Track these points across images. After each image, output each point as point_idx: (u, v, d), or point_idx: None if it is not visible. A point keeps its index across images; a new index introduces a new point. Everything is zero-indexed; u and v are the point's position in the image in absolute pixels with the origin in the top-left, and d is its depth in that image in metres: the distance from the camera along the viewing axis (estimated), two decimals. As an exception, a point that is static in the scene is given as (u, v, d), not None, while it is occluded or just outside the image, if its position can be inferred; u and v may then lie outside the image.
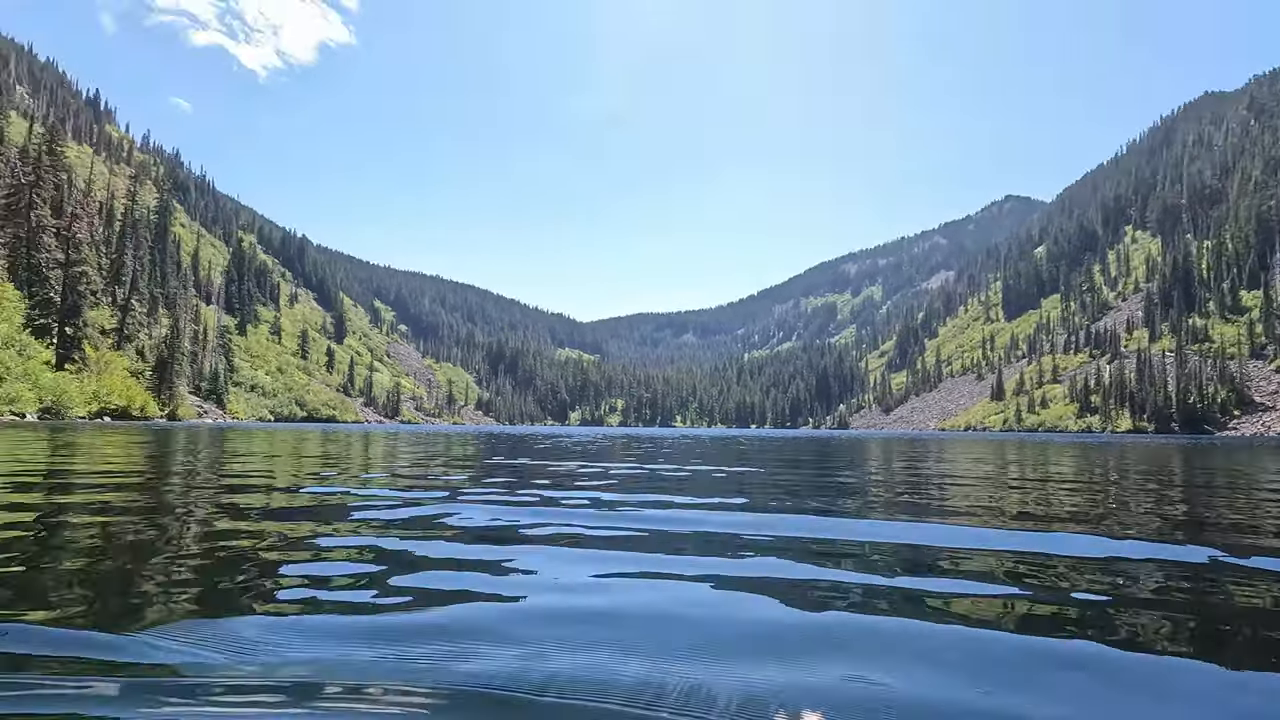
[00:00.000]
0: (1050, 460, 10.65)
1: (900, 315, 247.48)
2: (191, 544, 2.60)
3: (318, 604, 1.76)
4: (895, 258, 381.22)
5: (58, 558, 2.31)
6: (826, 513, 3.78)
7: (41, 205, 56.99)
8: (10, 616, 1.55)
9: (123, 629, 1.47)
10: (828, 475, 6.84)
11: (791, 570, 2.25)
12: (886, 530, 3.23)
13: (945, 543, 2.83)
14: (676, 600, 1.84)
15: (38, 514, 3.29)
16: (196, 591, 1.89)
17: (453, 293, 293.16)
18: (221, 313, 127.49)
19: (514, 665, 1.25)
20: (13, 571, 2.08)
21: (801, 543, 2.81)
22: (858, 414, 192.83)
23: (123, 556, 2.35)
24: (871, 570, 2.28)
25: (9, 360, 36.31)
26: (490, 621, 1.55)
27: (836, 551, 2.65)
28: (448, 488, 4.78)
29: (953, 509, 4.11)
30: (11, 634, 1.37)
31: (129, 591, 1.89)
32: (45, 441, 11.36)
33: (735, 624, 1.59)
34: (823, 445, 18.04)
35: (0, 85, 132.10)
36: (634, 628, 1.52)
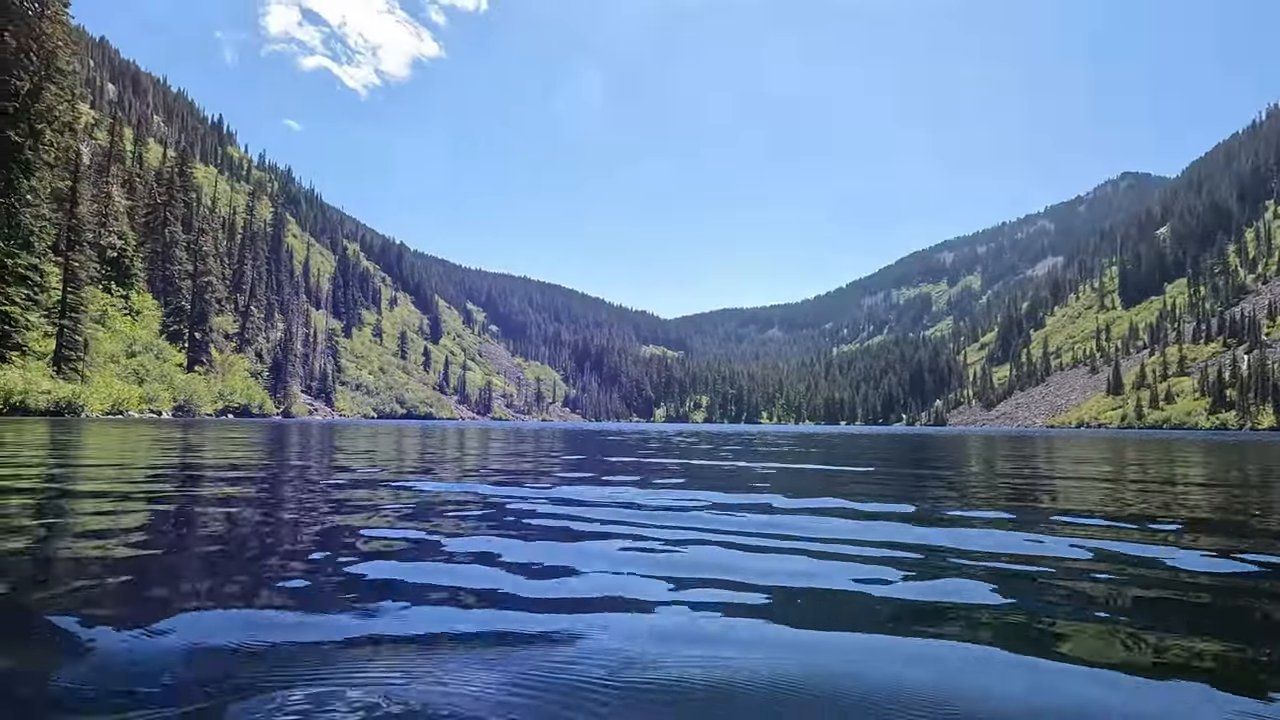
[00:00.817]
0: (1232, 461, 9.55)
1: (1002, 305, 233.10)
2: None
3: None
4: (996, 244, 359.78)
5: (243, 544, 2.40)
6: (1019, 525, 3.08)
7: (174, 222, 62.77)
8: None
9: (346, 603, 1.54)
10: (961, 474, 6.31)
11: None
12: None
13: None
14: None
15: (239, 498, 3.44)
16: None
17: (540, 293, 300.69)
18: (329, 316, 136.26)
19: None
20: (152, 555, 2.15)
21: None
22: (955, 410, 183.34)
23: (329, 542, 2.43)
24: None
25: (148, 363, 40.27)
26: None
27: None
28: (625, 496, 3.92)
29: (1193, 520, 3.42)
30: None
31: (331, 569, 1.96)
32: (199, 435, 12.38)
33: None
34: (928, 443, 17.09)
35: (141, 116, 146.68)
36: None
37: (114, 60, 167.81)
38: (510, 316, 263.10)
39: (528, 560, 2.06)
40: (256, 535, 2.54)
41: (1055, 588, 1.86)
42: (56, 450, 7.31)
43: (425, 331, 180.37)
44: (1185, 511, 3.71)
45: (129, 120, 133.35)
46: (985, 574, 1.99)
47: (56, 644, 1.25)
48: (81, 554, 2.14)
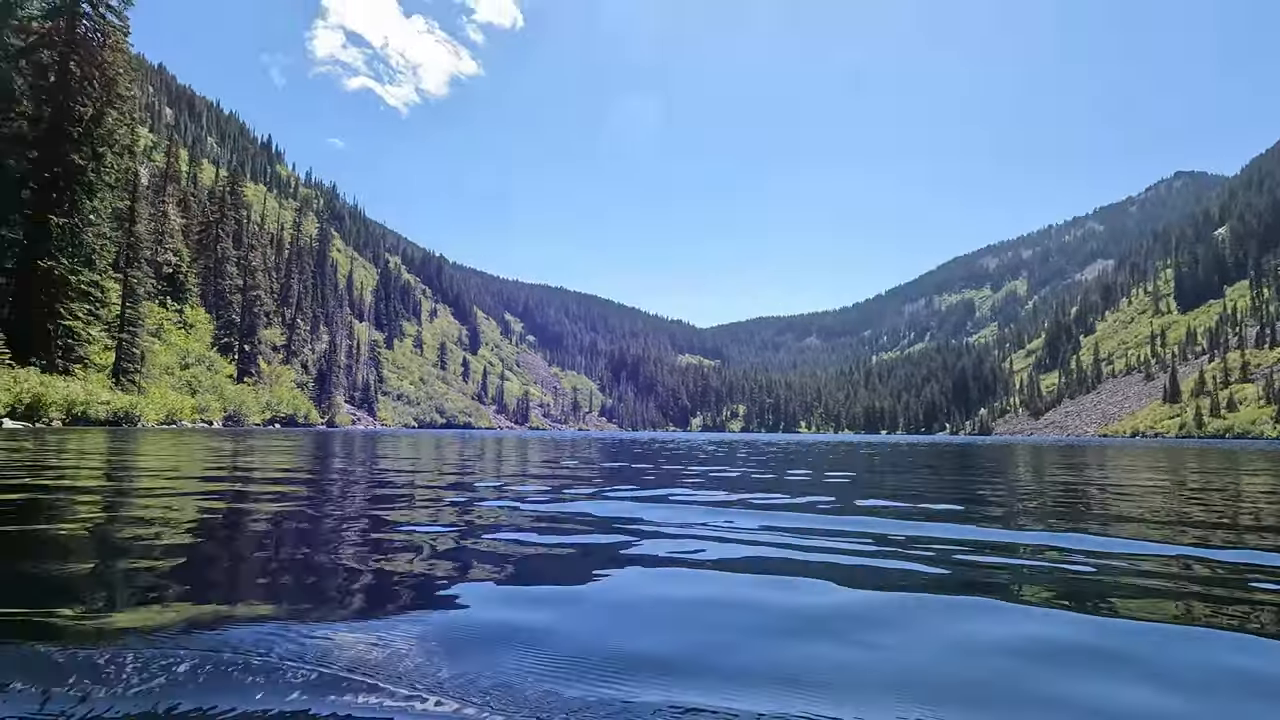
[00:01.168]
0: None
1: (1050, 310, 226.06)
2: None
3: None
4: (1042, 248, 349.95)
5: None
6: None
7: (225, 239, 65.15)
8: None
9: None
10: (1021, 482, 6.05)
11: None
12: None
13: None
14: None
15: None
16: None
17: (576, 303, 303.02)
18: (371, 328, 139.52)
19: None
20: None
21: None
22: (1001, 419, 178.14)
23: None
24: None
25: (201, 375, 41.78)
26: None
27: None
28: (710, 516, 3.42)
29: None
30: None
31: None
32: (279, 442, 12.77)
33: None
34: (979, 452, 16.59)
35: (195, 137, 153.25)
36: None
37: (171, 85, 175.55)
38: (547, 327, 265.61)
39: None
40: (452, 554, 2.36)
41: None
42: (141, 456, 7.59)
43: (464, 342, 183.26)
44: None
45: (184, 142, 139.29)
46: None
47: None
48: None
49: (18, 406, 22.62)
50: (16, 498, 3.56)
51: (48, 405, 23.65)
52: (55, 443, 10.79)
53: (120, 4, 31.06)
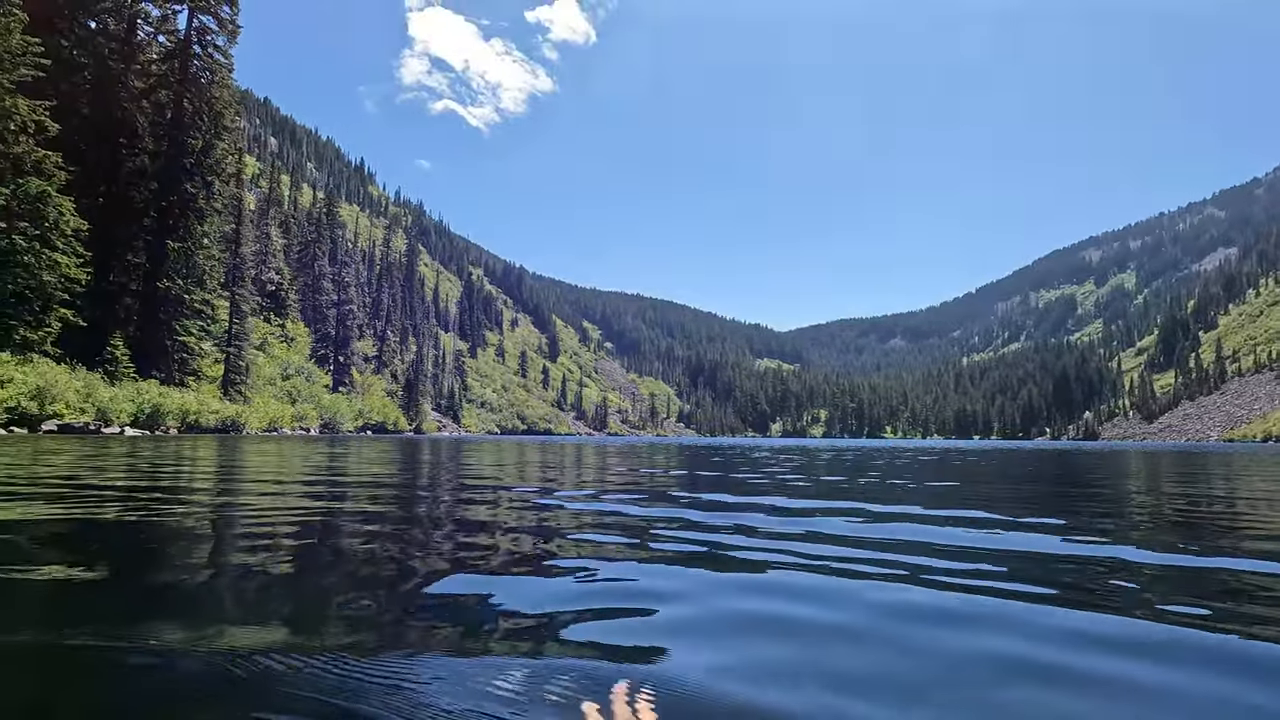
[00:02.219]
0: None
1: (1163, 305, 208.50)
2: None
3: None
4: (1152, 237, 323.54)
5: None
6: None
7: (321, 257, 69.36)
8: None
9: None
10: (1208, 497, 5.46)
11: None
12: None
13: None
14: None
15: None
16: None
17: (653, 309, 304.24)
18: (456, 338, 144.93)
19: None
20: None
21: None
22: (1109, 422, 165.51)
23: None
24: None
25: (300, 385, 44.60)
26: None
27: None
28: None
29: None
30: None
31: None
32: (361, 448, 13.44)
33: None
34: (1110, 460, 15.31)
35: (296, 163, 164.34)
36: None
37: (275, 116, 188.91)
38: (624, 333, 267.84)
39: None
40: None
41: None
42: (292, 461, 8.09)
43: (544, 350, 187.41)
44: None
45: (286, 168, 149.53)
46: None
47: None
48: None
49: (140, 416, 24.78)
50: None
51: (165, 415, 25.79)
52: (186, 449, 11.67)
53: (225, 43, 33.73)
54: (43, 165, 24.62)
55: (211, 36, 33.77)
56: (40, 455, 8.66)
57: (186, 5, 33.52)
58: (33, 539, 2.67)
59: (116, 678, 1.17)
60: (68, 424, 20.89)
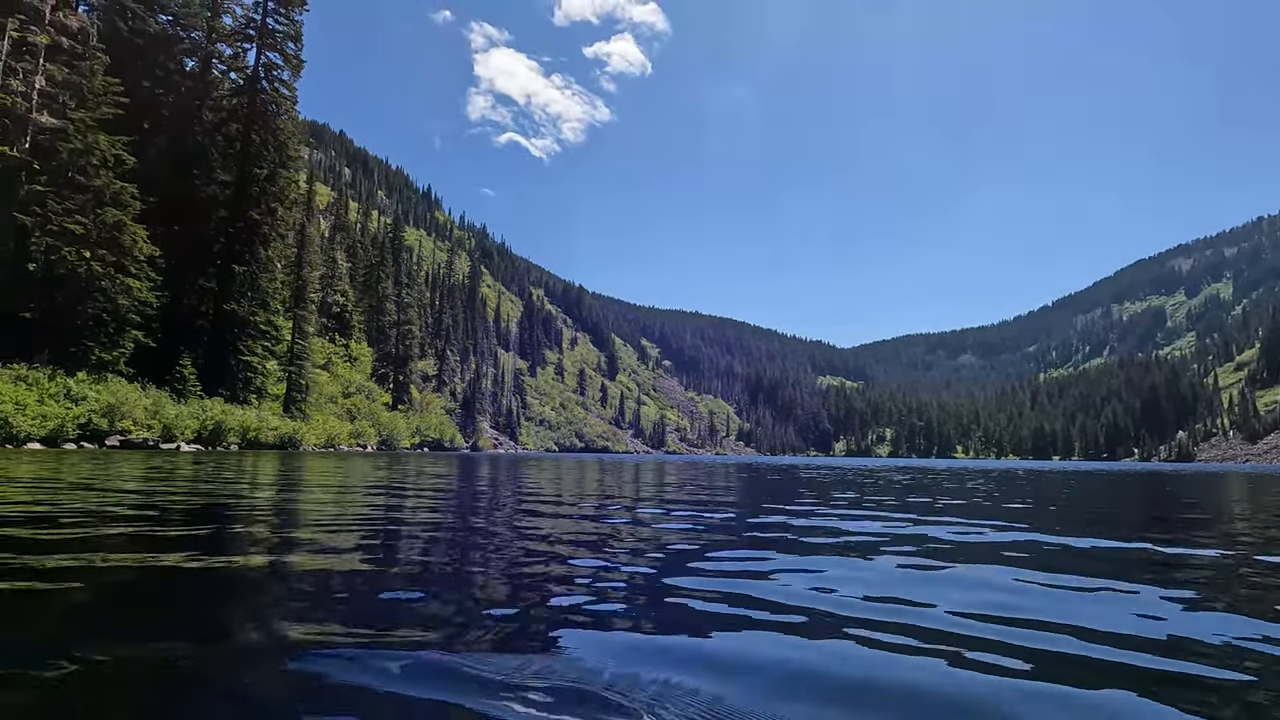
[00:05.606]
0: None
1: (1265, 315, 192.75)
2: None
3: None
4: (1250, 243, 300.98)
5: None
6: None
7: (385, 279, 71.81)
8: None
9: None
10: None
11: None
12: None
13: None
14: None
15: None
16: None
17: (711, 327, 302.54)
18: (516, 357, 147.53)
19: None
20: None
21: None
22: (1206, 442, 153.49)
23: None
24: None
25: (360, 403, 45.98)
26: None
27: None
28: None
29: None
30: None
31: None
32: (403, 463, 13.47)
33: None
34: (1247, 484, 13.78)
35: (368, 191, 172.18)
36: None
37: (349, 148, 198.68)
38: (683, 351, 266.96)
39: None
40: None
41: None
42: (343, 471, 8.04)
43: (602, 368, 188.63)
44: None
45: (358, 196, 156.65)
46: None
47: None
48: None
49: (203, 432, 25.84)
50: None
51: (227, 431, 26.82)
52: (233, 462, 11.87)
53: (290, 77, 35.46)
54: (120, 196, 26.20)
55: (277, 72, 35.59)
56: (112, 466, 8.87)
57: (255, 44, 35.46)
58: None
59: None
60: (130, 439, 21.89)
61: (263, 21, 35.30)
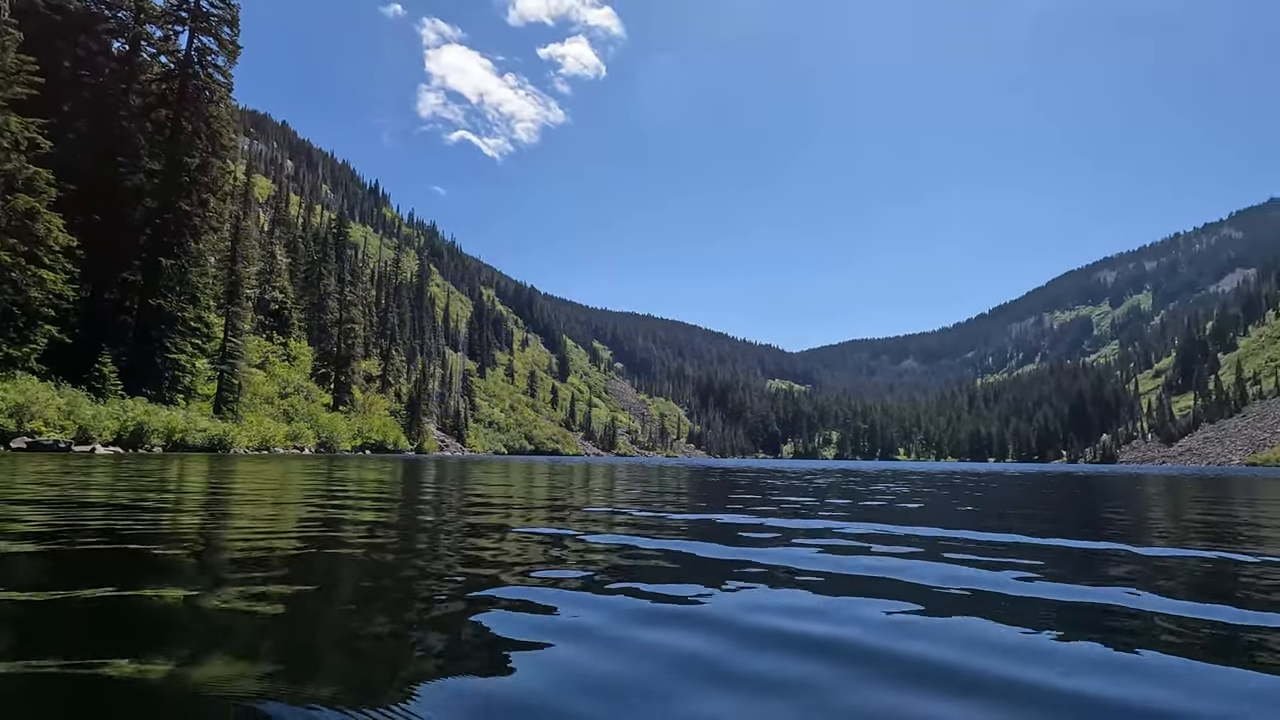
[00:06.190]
0: None
1: (1180, 326, 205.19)
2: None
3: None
4: (1168, 258, 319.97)
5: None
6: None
7: (328, 276, 69.60)
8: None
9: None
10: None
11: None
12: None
13: None
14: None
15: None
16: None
17: (663, 329, 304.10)
18: (465, 358, 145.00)
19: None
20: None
21: None
22: (1127, 445, 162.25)
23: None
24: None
25: (298, 403, 44.34)
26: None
27: None
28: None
29: None
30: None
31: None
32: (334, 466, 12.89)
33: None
34: (1170, 486, 14.44)
35: (312, 185, 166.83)
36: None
37: (293, 139, 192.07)
38: (635, 354, 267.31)
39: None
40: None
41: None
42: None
43: (554, 370, 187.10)
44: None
45: (301, 189, 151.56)
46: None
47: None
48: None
49: (123, 433, 24.42)
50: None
51: (150, 433, 25.42)
52: (151, 468, 11.16)
53: (225, 63, 33.98)
54: (34, 182, 24.60)
55: (212, 57, 34.06)
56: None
57: (188, 26, 33.86)
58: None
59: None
60: (39, 441, 20.52)
61: (196, 4, 33.75)
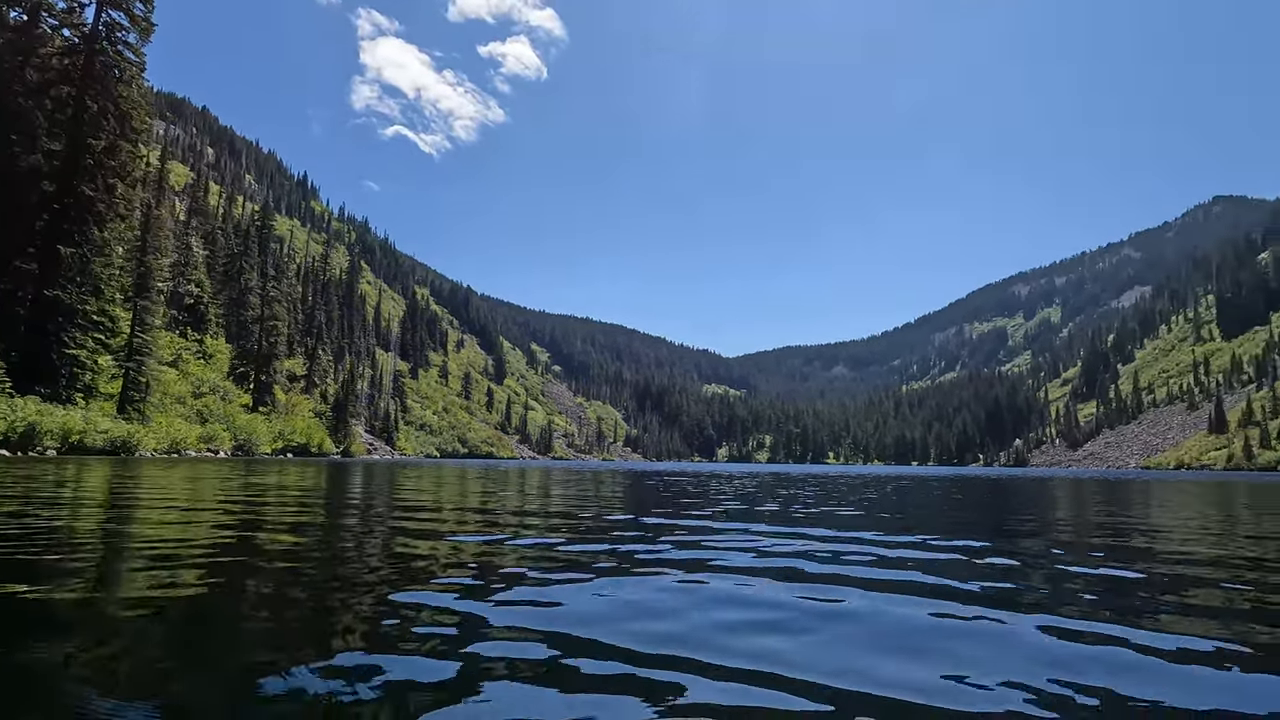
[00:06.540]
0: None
1: (1085, 338, 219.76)
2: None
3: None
4: (1076, 275, 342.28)
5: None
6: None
7: (249, 270, 66.32)
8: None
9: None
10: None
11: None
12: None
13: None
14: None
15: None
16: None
17: (602, 333, 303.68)
18: (397, 358, 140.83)
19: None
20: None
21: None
22: (1037, 449, 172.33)
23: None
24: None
25: (213, 404, 41.94)
26: None
27: None
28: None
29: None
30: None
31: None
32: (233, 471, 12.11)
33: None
34: (1066, 489, 15.16)
35: (234, 175, 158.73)
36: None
37: (213, 126, 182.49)
38: (573, 356, 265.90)
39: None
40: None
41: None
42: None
43: (489, 372, 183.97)
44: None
45: (222, 179, 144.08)
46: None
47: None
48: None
49: (11, 435, 22.50)
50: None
51: (42, 434, 23.52)
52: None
53: (137, 41, 31.89)
54: (-89, 158, 22.43)
55: (122, 33, 31.90)
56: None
57: (95, 0, 31.66)
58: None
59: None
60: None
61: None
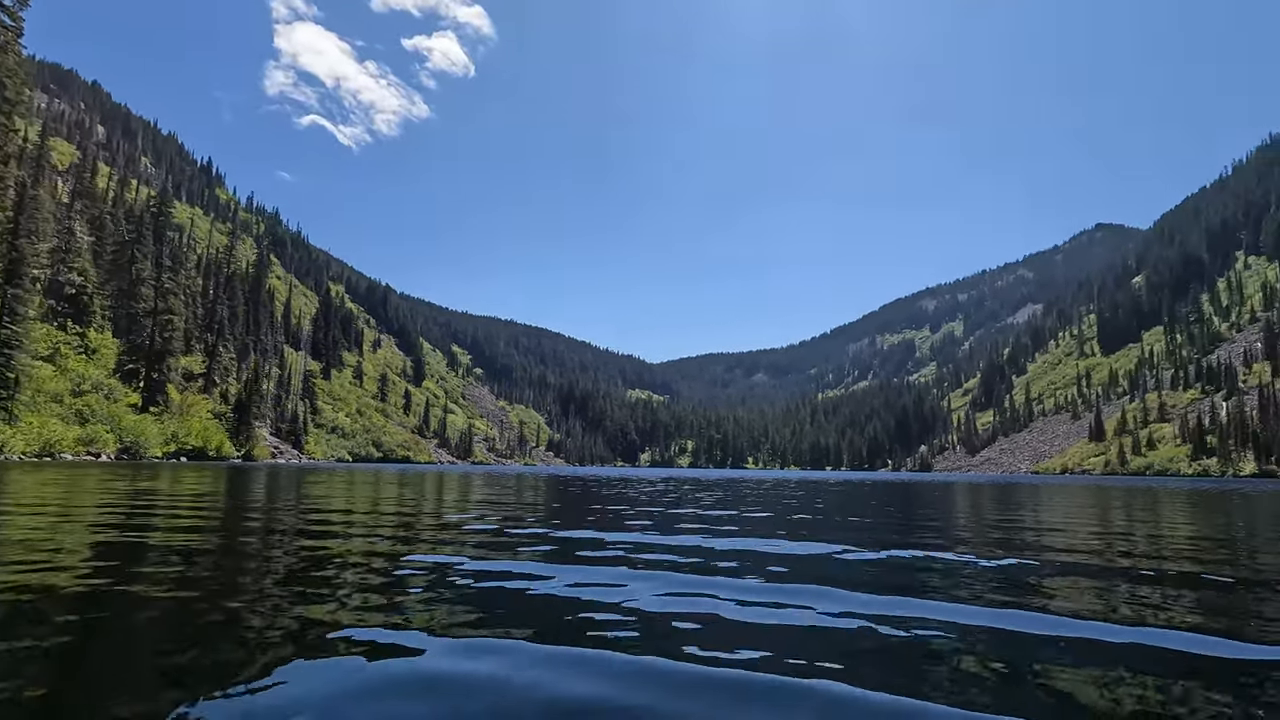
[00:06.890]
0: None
1: (984, 351, 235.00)
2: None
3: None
4: (977, 292, 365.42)
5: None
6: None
7: (142, 260, 61.59)
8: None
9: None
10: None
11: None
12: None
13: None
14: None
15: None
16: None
17: (526, 336, 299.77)
18: (308, 358, 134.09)
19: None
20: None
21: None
22: (940, 455, 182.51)
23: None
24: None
25: (95, 403, 38.56)
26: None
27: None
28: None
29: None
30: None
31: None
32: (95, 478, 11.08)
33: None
34: (962, 492, 15.93)
35: (129, 157, 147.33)
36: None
37: (105, 103, 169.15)
38: (496, 359, 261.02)
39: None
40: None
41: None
42: None
43: (408, 374, 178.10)
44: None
45: (113, 160, 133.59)
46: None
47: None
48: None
49: None
50: None
51: (-113, 434, 20.98)
52: None
53: (15, 5, 29.13)
54: None
55: (-3, -5, 29.04)
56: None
57: (-34, -44, 28.70)
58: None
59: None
60: None
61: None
